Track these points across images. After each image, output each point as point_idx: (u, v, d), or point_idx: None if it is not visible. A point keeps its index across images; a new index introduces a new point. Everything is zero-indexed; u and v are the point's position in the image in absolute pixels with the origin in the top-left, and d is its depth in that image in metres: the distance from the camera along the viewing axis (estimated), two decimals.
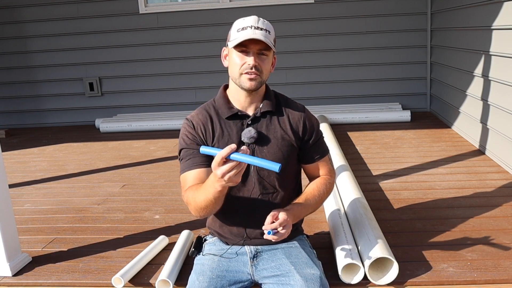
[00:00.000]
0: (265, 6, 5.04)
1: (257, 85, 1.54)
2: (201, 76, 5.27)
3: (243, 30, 1.50)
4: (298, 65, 5.16)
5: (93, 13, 5.23)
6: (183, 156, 1.61)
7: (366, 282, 1.76)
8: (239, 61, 1.52)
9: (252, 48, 1.51)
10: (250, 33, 1.48)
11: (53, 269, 2.01)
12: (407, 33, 4.97)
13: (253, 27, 1.50)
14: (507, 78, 2.97)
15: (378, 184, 2.88)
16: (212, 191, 1.40)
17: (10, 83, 5.53)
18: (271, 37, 1.53)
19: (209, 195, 1.42)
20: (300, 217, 1.62)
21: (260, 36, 1.48)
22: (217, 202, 1.46)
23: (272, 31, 1.55)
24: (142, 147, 4.25)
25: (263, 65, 1.53)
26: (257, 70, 1.51)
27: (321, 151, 1.70)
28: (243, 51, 1.52)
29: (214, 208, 1.49)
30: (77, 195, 3.01)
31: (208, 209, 1.49)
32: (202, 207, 1.48)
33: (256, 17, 1.54)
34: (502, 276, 1.76)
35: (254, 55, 1.51)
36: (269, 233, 1.43)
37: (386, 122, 4.63)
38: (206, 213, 1.52)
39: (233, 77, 1.57)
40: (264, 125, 1.62)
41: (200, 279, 1.55)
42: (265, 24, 1.53)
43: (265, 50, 1.52)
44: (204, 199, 1.45)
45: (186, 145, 1.61)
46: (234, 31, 1.54)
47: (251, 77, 1.51)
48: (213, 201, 1.44)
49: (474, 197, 2.58)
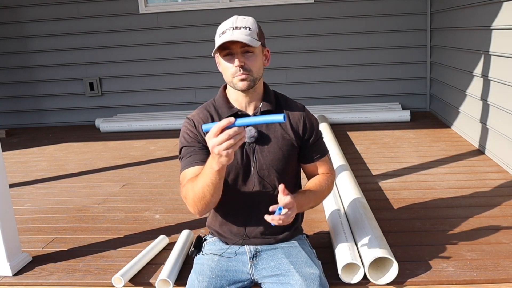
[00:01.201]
0: (265, 6, 5.04)
1: (250, 84, 1.53)
2: (201, 76, 5.27)
3: (223, 34, 1.48)
4: (298, 65, 5.16)
5: (93, 13, 5.23)
6: (183, 154, 1.60)
7: (366, 282, 1.76)
8: (227, 65, 1.52)
9: (234, 49, 1.49)
10: (228, 36, 1.46)
11: (53, 268, 2.02)
12: (407, 33, 4.98)
13: (231, 28, 1.48)
14: (506, 78, 2.97)
15: (378, 183, 2.88)
16: (210, 174, 1.36)
17: (11, 83, 5.53)
18: (253, 33, 1.50)
19: (206, 179, 1.38)
20: (303, 208, 1.60)
21: (237, 36, 1.45)
22: (215, 190, 1.41)
23: (254, 26, 1.52)
24: (142, 147, 4.25)
25: (249, 63, 1.51)
26: (246, 70, 1.50)
27: (321, 150, 1.71)
28: (228, 54, 1.51)
29: (211, 197, 1.43)
30: (77, 195, 3.01)
31: (206, 199, 1.44)
32: (200, 196, 1.43)
33: (235, 16, 1.53)
34: (501, 275, 1.77)
35: (238, 56, 1.49)
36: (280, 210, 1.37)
37: (385, 122, 4.63)
38: (203, 205, 1.47)
39: (227, 81, 1.57)
40: (265, 124, 1.62)
41: (200, 279, 1.55)
42: (244, 21, 1.51)
43: (248, 48, 1.50)
44: (201, 186, 1.41)
45: (187, 143, 1.60)
46: (216, 36, 1.52)
47: (242, 77, 1.51)
48: (211, 186, 1.39)
49: (473, 196, 2.59)
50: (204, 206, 1.47)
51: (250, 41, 1.47)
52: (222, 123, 1.25)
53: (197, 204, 1.47)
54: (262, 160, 1.60)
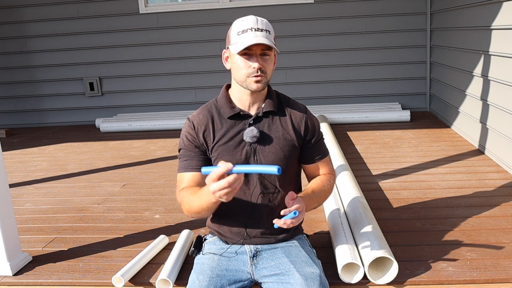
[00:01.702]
0: (265, 6, 5.04)
1: (263, 86, 1.55)
2: (201, 76, 5.27)
3: (243, 33, 1.50)
4: (298, 65, 5.16)
5: (93, 13, 5.23)
6: (181, 156, 1.66)
7: (366, 282, 1.76)
8: (244, 65, 1.52)
9: (255, 50, 1.51)
10: (251, 36, 1.48)
11: (54, 268, 2.02)
12: (406, 33, 4.98)
13: (253, 29, 1.49)
14: (506, 78, 2.97)
15: (378, 183, 2.88)
16: (207, 201, 1.43)
17: (11, 83, 5.54)
18: (271, 37, 1.54)
19: (203, 203, 1.47)
20: (308, 209, 1.61)
21: (263, 39, 1.48)
22: (210, 211, 1.51)
23: (272, 30, 1.55)
24: (142, 146, 4.25)
25: (266, 66, 1.53)
26: (262, 72, 1.52)
27: (322, 151, 1.71)
28: (246, 54, 1.51)
29: (206, 214, 1.55)
30: (78, 195, 3.01)
31: (200, 215, 1.54)
32: (195, 211, 1.53)
33: (254, 17, 1.54)
34: (501, 275, 1.77)
35: (257, 57, 1.51)
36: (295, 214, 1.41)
37: (385, 122, 4.64)
38: (198, 217, 1.58)
39: (239, 80, 1.56)
40: (266, 125, 1.63)
41: (200, 278, 1.56)
42: (264, 24, 1.53)
43: (267, 51, 1.53)
44: (198, 206, 1.49)
45: (184, 146, 1.65)
46: (234, 33, 1.53)
47: (257, 79, 1.52)
48: (206, 209, 1.49)
49: (473, 196, 2.59)
50: (198, 217, 1.59)
51: (273, 45, 1.50)
52: (220, 170, 1.29)
53: (191, 214, 1.57)
54: (264, 160, 1.61)
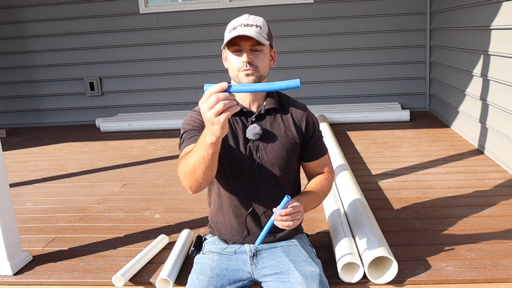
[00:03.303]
0: (265, 6, 5.04)
1: (255, 79, 1.54)
2: (201, 76, 5.27)
3: (233, 30, 1.51)
4: (298, 65, 5.16)
5: (93, 13, 5.23)
6: (185, 137, 1.57)
7: (366, 281, 1.77)
8: (234, 60, 1.54)
9: (244, 45, 1.51)
10: (239, 31, 1.49)
11: (54, 268, 2.02)
12: (406, 33, 4.98)
13: (242, 25, 1.51)
14: (506, 78, 2.98)
15: (378, 183, 2.88)
16: (202, 148, 1.34)
17: (11, 83, 5.53)
18: (263, 32, 1.53)
19: (198, 154, 1.36)
20: (306, 209, 1.61)
21: (248, 32, 1.48)
22: (206, 166, 1.37)
23: (264, 26, 1.55)
24: (142, 146, 4.26)
25: (257, 60, 1.53)
26: (252, 66, 1.52)
27: (322, 150, 1.73)
28: (236, 50, 1.53)
29: (202, 174, 1.40)
30: (78, 194, 3.01)
31: (196, 175, 1.40)
32: (190, 170, 1.40)
33: (247, 15, 1.56)
34: (501, 275, 1.77)
35: (246, 52, 1.52)
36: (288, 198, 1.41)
37: (385, 121, 4.64)
38: (193, 181, 1.43)
39: (232, 77, 1.58)
40: (268, 122, 1.63)
41: (200, 278, 1.56)
42: (256, 20, 1.54)
43: (257, 46, 1.52)
44: (193, 160, 1.38)
45: (190, 127, 1.59)
46: (226, 32, 1.55)
47: (247, 72, 1.52)
48: (202, 161, 1.36)
49: (473, 196, 2.59)
50: (194, 181, 1.44)
51: (259, 38, 1.49)
52: (214, 88, 1.24)
53: (187, 178, 1.44)
54: (266, 157, 1.61)
